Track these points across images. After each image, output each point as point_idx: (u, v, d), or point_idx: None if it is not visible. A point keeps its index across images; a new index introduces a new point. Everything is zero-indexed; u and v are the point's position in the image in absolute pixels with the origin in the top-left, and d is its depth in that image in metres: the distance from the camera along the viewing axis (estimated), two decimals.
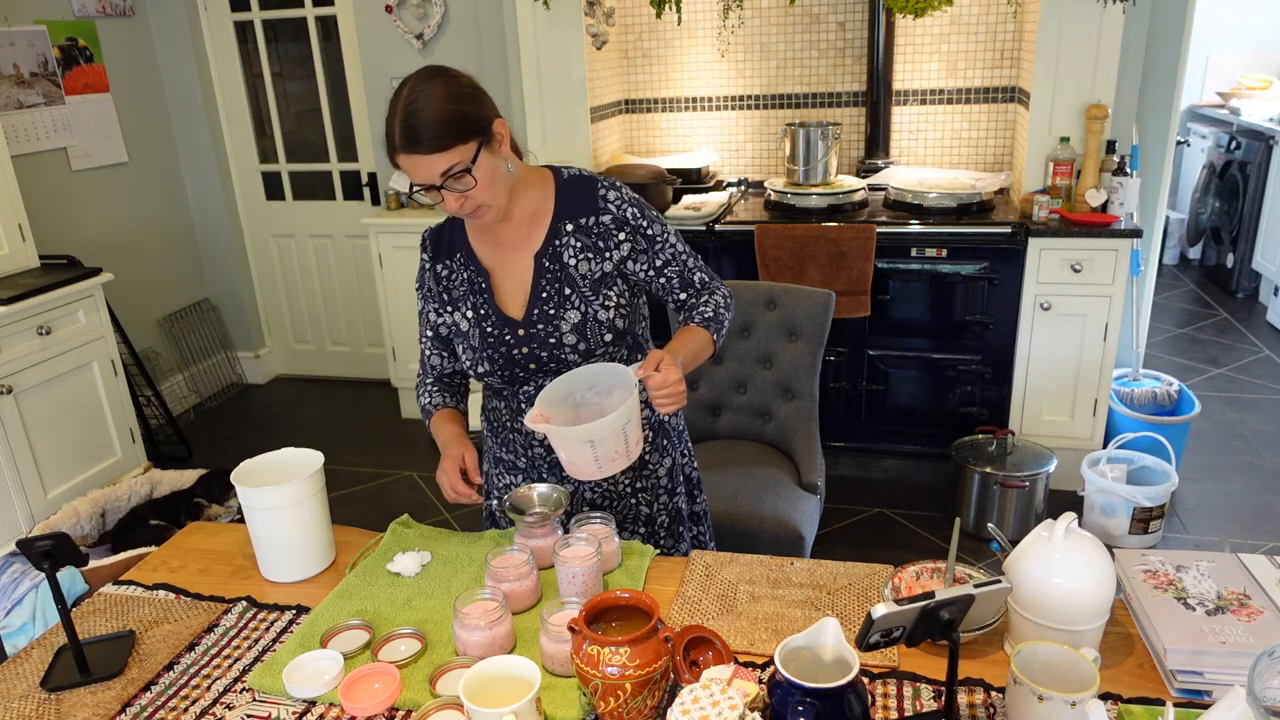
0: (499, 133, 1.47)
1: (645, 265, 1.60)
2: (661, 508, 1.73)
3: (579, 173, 1.63)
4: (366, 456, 3.95)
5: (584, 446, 1.35)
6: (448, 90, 1.42)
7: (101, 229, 4.09)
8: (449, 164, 1.41)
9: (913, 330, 3.30)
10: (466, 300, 1.61)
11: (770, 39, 3.83)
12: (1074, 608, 1.15)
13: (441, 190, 1.43)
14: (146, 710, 1.22)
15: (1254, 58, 5.90)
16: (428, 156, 1.39)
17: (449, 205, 1.46)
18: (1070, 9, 3.06)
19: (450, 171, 1.41)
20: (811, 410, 2.47)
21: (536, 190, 1.59)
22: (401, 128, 1.40)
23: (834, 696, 1.01)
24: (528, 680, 1.12)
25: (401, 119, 1.40)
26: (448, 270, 1.64)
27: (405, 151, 1.40)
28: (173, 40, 4.35)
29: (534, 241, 1.58)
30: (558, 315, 1.55)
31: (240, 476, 1.50)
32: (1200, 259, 5.94)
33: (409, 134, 1.39)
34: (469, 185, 1.43)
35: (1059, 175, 3.17)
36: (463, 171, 1.42)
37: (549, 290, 1.56)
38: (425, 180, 1.42)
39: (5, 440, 3.01)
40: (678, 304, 1.64)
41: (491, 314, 1.58)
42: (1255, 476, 3.41)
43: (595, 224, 1.57)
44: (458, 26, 4.00)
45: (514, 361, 1.58)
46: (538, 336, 1.56)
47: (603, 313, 1.56)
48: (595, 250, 1.57)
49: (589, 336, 1.56)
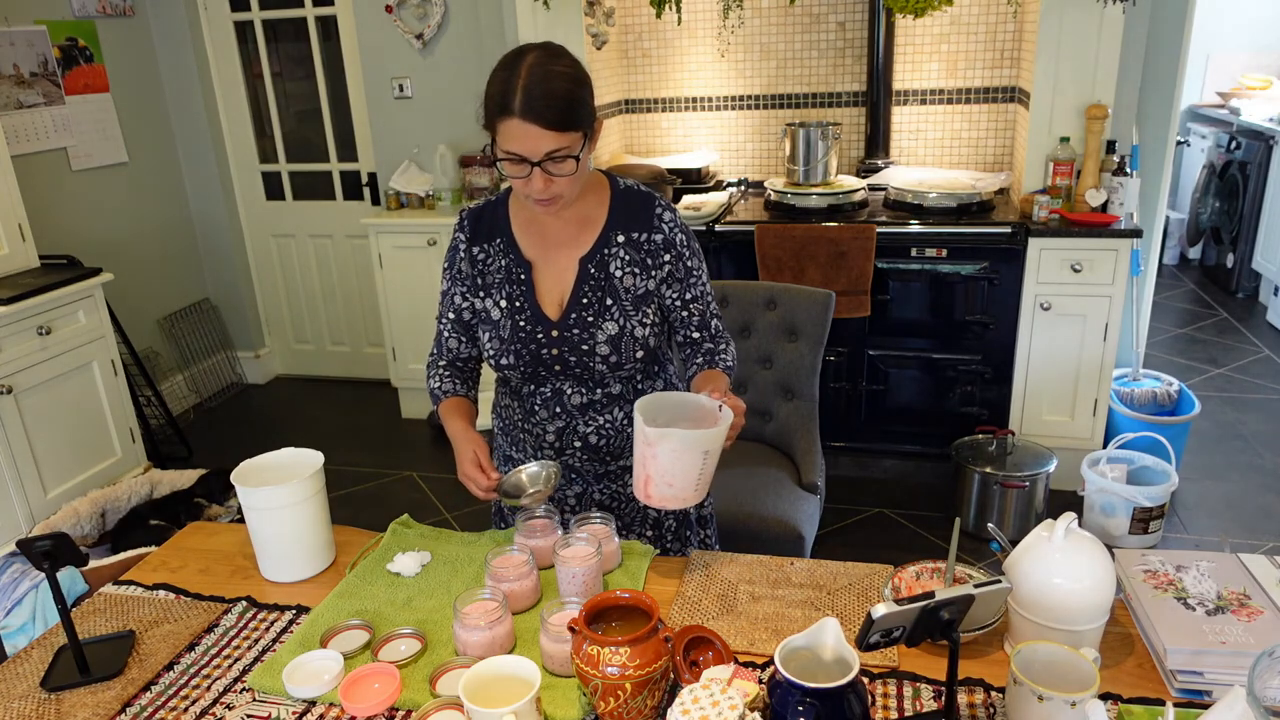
0: (598, 131, 1.46)
1: (676, 294, 1.59)
2: (669, 512, 1.71)
3: (635, 186, 1.61)
4: (366, 456, 3.95)
5: (697, 457, 1.33)
6: (574, 74, 1.39)
7: (101, 229, 4.09)
8: (559, 145, 1.37)
9: (913, 330, 3.30)
10: (501, 289, 1.57)
11: (770, 39, 3.83)
12: (1074, 608, 1.15)
13: (535, 168, 1.38)
14: (146, 710, 1.22)
15: (1254, 58, 5.90)
16: (544, 131, 1.35)
17: (534, 184, 1.40)
18: (1070, 9, 3.06)
19: (556, 153, 1.37)
20: (811, 410, 2.47)
21: (592, 194, 1.57)
22: (525, 93, 1.34)
23: (834, 696, 1.01)
24: (528, 680, 1.12)
25: (527, 84, 1.34)
26: (485, 254, 1.59)
27: (523, 118, 1.34)
28: (173, 40, 4.35)
29: (582, 244, 1.56)
30: (596, 324, 1.54)
31: (240, 476, 1.50)
32: (1200, 259, 5.94)
33: (532, 102, 1.34)
34: (566, 172, 1.40)
35: (1059, 175, 3.17)
36: (567, 158, 1.38)
37: (590, 297, 1.54)
38: (528, 152, 1.37)
39: (5, 440, 3.01)
40: (688, 341, 1.64)
41: (527, 308, 1.56)
42: (1255, 476, 3.41)
43: (647, 241, 1.56)
44: (458, 26, 4.00)
45: (541, 360, 1.56)
46: (571, 340, 1.54)
47: (640, 329, 1.56)
48: (642, 267, 1.56)
49: (622, 350, 1.55)
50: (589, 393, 1.59)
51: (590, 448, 1.62)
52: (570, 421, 1.60)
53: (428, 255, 3.98)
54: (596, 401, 1.60)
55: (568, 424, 1.61)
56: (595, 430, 1.61)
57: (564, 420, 1.60)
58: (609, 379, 1.59)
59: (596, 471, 1.66)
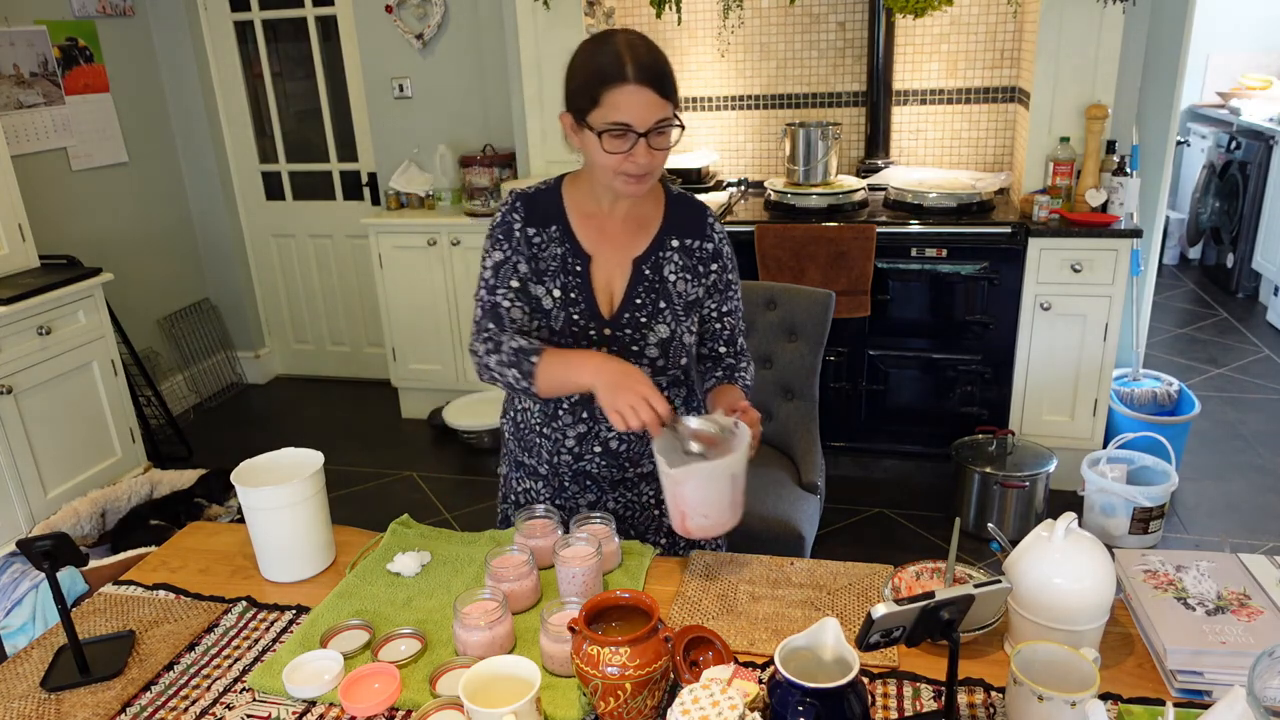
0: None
1: (715, 305, 1.60)
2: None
3: (685, 192, 1.62)
4: (366, 456, 3.95)
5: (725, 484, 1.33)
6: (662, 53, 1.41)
7: (101, 229, 4.09)
8: (666, 114, 1.38)
9: (913, 330, 3.30)
10: (556, 278, 1.53)
11: (770, 39, 3.83)
12: (1074, 608, 1.15)
13: (641, 140, 1.37)
14: (146, 710, 1.22)
15: (1254, 58, 5.90)
16: (656, 97, 1.36)
17: (637, 157, 1.39)
18: (1070, 9, 3.06)
19: (664, 121, 1.38)
20: (811, 410, 2.46)
21: (649, 197, 1.57)
22: (636, 61, 1.35)
23: (834, 696, 1.01)
24: (528, 680, 1.12)
25: (635, 54, 1.35)
26: (540, 238, 1.54)
27: (639, 82, 1.35)
28: (173, 40, 4.35)
29: (636, 245, 1.55)
30: (649, 325, 1.53)
31: (240, 476, 1.50)
32: (1200, 259, 5.94)
33: (644, 69, 1.35)
34: (666, 144, 1.41)
35: (1059, 175, 3.17)
36: (671, 127, 1.39)
37: (644, 298, 1.53)
38: (639, 121, 1.36)
39: (5, 440, 3.01)
40: (712, 354, 1.64)
41: (582, 301, 1.52)
42: (1255, 476, 3.41)
43: (699, 248, 1.57)
44: (458, 26, 4.00)
45: None
46: (622, 340, 1.53)
47: (688, 336, 1.56)
48: (694, 273, 1.57)
49: (670, 355, 1.55)
50: None
51: (610, 453, 1.60)
52: (593, 426, 1.58)
53: (428, 255, 3.98)
54: None
55: (590, 429, 1.58)
56: (618, 435, 1.59)
57: (587, 425, 1.57)
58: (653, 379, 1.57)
59: (613, 478, 1.63)
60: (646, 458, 1.62)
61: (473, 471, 3.78)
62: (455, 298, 4.01)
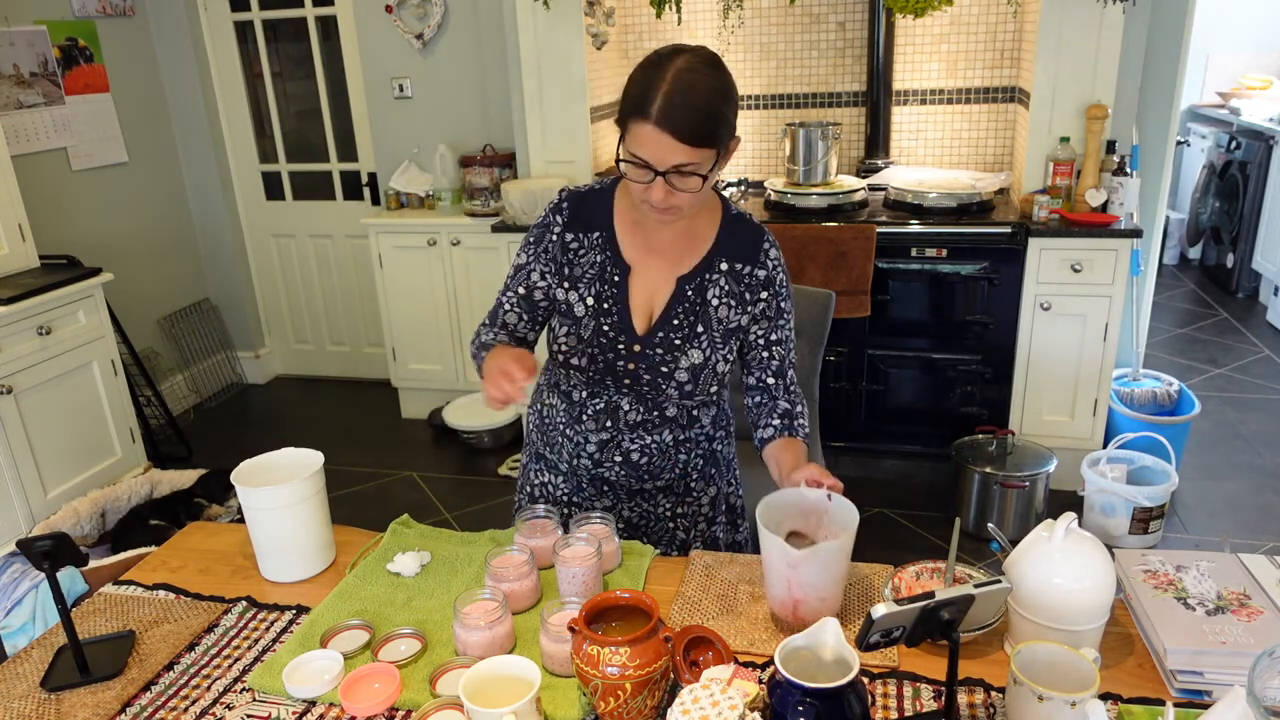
0: (731, 150, 1.38)
1: (762, 332, 1.53)
2: (699, 535, 1.67)
3: (745, 215, 1.54)
4: (366, 456, 3.95)
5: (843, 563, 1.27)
6: (721, 87, 1.32)
7: (101, 229, 4.09)
8: (689, 160, 1.30)
9: (913, 330, 3.30)
10: (591, 286, 1.49)
11: (770, 39, 3.83)
12: (1074, 608, 1.15)
13: (659, 178, 1.32)
14: (146, 710, 1.22)
15: (1254, 58, 5.90)
16: (675, 143, 1.28)
17: (653, 194, 1.34)
18: (1070, 9, 3.06)
19: (684, 167, 1.31)
20: (811, 410, 2.46)
21: (704, 213, 1.50)
22: (666, 100, 1.27)
23: (834, 696, 1.01)
24: (528, 680, 1.12)
25: (670, 91, 1.27)
26: (579, 244, 1.50)
27: (659, 125, 1.27)
28: (173, 40, 4.35)
29: (684, 263, 1.49)
30: (682, 348, 1.48)
31: (240, 476, 1.50)
32: (1200, 259, 5.94)
33: (672, 112, 1.27)
34: (691, 188, 1.33)
35: (1059, 175, 3.17)
36: (695, 175, 1.32)
37: (682, 319, 1.48)
38: (656, 161, 1.30)
39: (5, 440, 3.00)
40: (761, 386, 1.56)
41: (615, 312, 1.48)
42: (1255, 476, 3.41)
43: (750, 275, 1.50)
44: (458, 26, 4.00)
45: (614, 371, 1.50)
46: (651, 359, 1.48)
47: (722, 364, 1.51)
48: (739, 300, 1.50)
49: (700, 381, 1.50)
50: (646, 411, 1.54)
51: (630, 464, 1.57)
52: (616, 436, 1.55)
53: (428, 255, 3.98)
54: (649, 421, 1.54)
55: (612, 437, 1.55)
56: (640, 448, 1.56)
57: (610, 434, 1.55)
58: (669, 403, 1.54)
59: (631, 488, 1.61)
60: (666, 471, 1.60)
61: (473, 471, 3.78)
62: (455, 298, 4.01)
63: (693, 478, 1.64)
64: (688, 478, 1.63)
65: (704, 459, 1.64)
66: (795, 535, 1.37)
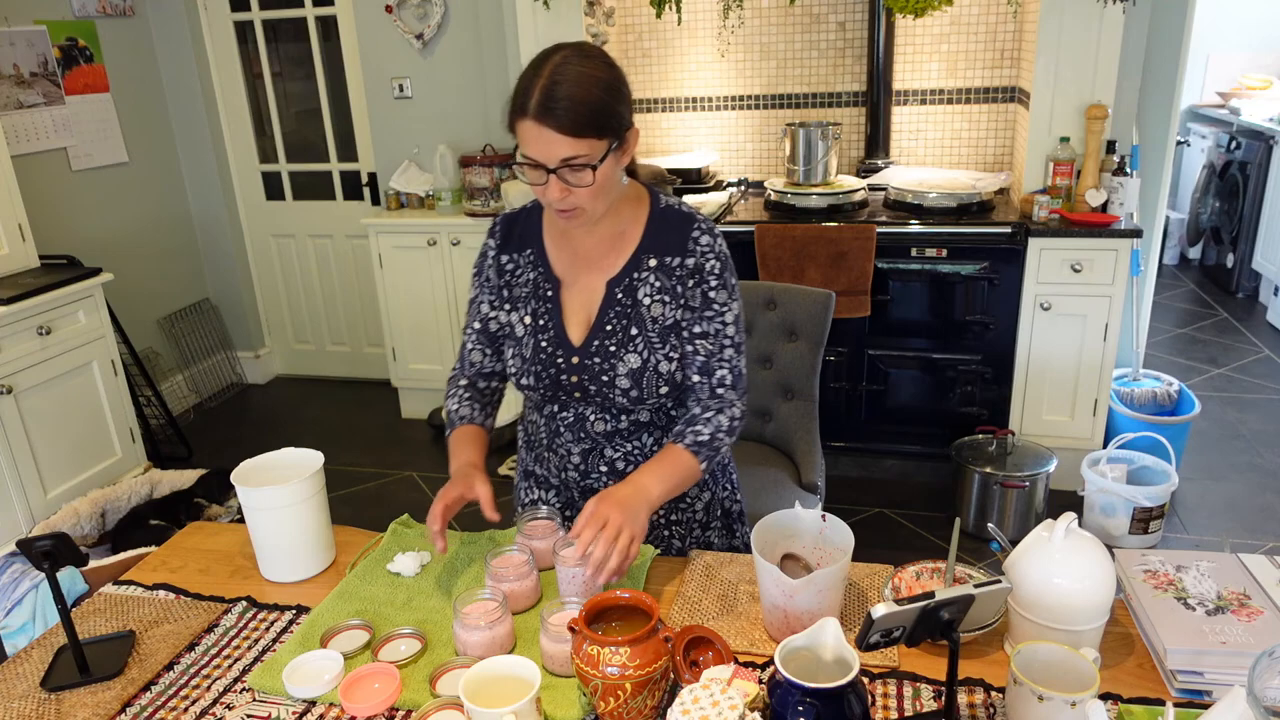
0: (630, 142, 1.36)
1: (687, 325, 1.46)
2: (694, 541, 1.66)
3: (677, 205, 1.50)
4: (366, 456, 3.95)
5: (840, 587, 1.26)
6: (601, 76, 1.30)
7: (101, 229, 4.09)
8: (576, 153, 1.28)
9: (913, 330, 3.30)
10: (528, 304, 1.49)
11: (770, 39, 3.83)
12: (1074, 608, 1.15)
13: (551, 175, 1.30)
14: (146, 710, 1.22)
15: (1254, 58, 5.90)
16: (557, 135, 1.27)
17: (550, 193, 1.32)
18: (1070, 9, 3.06)
19: (572, 161, 1.29)
20: (811, 410, 2.46)
21: (629, 211, 1.47)
22: (542, 93, 1.26)
23: (834, 696, 1.01)
24: (528, 680, 1.12)
25: (546, 84, 1.26)
26: (513, 264, 1.51)
27: (537, 120, 1.27)
28: (173, 40, 4.35)
29: (612, 265, 1.46)
30: (617, 354, 1.44)
31: (240, 476, 1.50)
32: (1200, 259, 5.94)
33: (548, 103, 1.26)
34: (584, 182, 1.31)
35: (1059, 175, 3.17)
36: (586, 167, 1.30)
37: (615, 324, 1.45)
38: (542, 158, 1.29)
39: (5, 440, 3.00)
40: (689, 384, 1.49)
41: (551, 328, 1.47)
42: (1255, 476, 3.41)
43: (679, 266, 1.45)
44: (458, 26, 4.00)
45: (560, 385, 1.48)
46: (591, 369, 1.45)
47: (665, 364, 1.45)
48: (672, 294, 1.44)
49: (644, 385, 1.45)
50: (614, 420, 1.51)
51: (617, 473, 1.56)
52: (596, 446, 1.54)
53: (428, 255, 3.98)
54: (623, 430, 1.52)
55: (593, 447, 1.54)
56: (623, 455, 1.55)
57: (589, 444, 1.54)
58: (633, 409, 1.51)
59: None
60: None
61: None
62: (455, 298, 4.01)
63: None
64: None
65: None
66: (790, 558, 1.37)
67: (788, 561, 1.36)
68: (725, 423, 1.46)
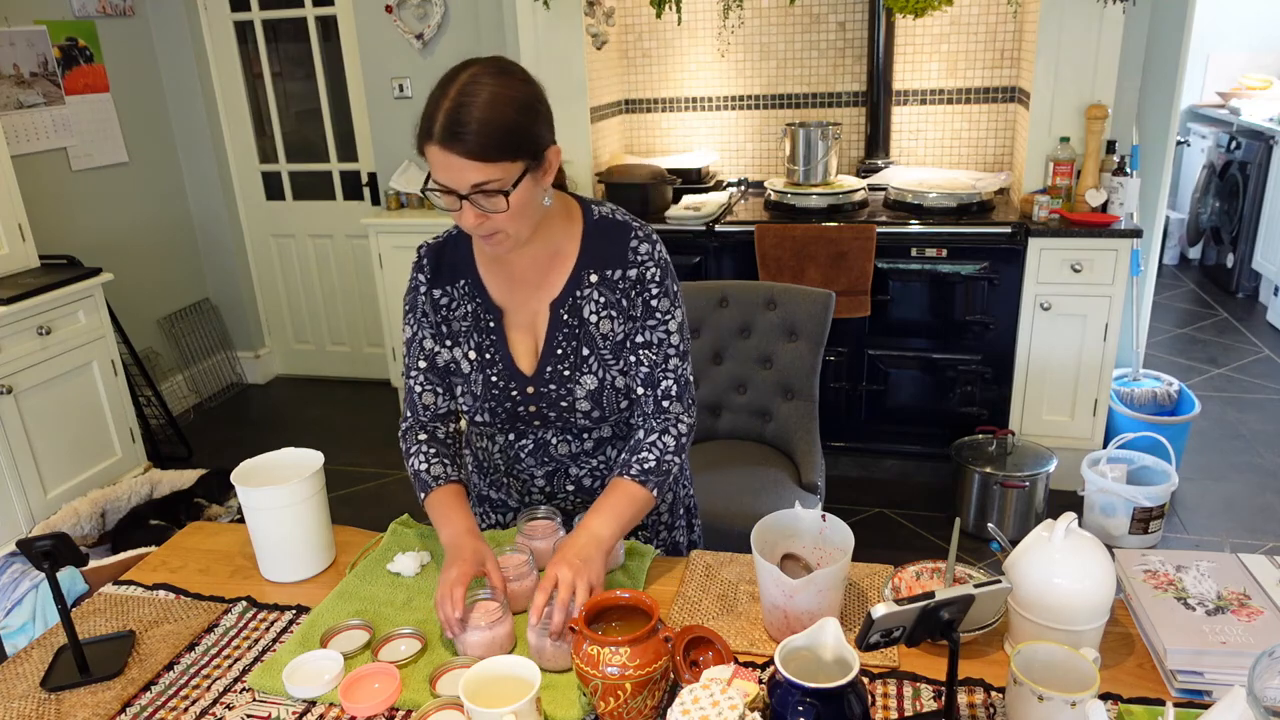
0: (550, 162, 1.29)
1: (630, 336, 1.41)
2: (661, 544, 1.65)
3: (611, 214, 1.43)
4: (366, 456, 3.95)
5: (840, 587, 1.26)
6: (514, 95, 1.23)
7: (101, 229, 4.09)
8: (486, 178, 1.21)
9: (913, 330, 3.30)
10: (469, 338, 1.43)
11: (770, 39, 3.83)
12: (1074, 608, 1.15)
13: (464, 201, 1.24)
14: (146, 710, 1.22)
15: (1254, 58, 5.90)
16: (465, 160, 1.20)
17: (465, 219, 1.26)
18: (1070, 9, 3.06)
19: (483, 186, 1.22)
20: (811, 410, 2.46)
21: (561, 227, 1.40)
22: (447, 117, 1.19)
23: (834, 696, 1.01)
24: (528, 680, 1.12)
25: (450, 108, 1.19)
26: (448, 298, 1.44)
27: (442, 145, 1.20)
28: (173, 40, 4.35)
29: (552, 286, 1.40)
30: (573, 378, 1.40)
31: (240, 476, 1.50)
32: (1200, 259, 5.94)
33: (453, 128, 1.19)
34: (499, 208, 1.24)
35: (1059, 175, 3.17)
36: (498, 192, 1.23)
37: (565, 347, 1.40)
38: (451, 184, 1.23)
39: (5, 440, 3.00)
40: (632, 396, 1.45)
41: (499, 360, 1.42)
42: (1255, 476, 3.41)
43: (622, 278, 1.39)
44: (458, 26, 4.00)
45: (518, 416, 1.44)
46: (548, 397, 1.41)
47: (620, 379, 1.41)
48: (619, 308, 1.40)
49: (604, 404, 1.42)
50: (577, 441, 1.48)
51: (584, 489, 1.54)
52: (561, 466, 1.51)
53: None
54: (587, 449, 1.49)
55: (558, 467, 1.51)
56: (589, 472, 1.52)
57: (553, 466, 1.51)
58: (595, 427, 1.47)
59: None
60: None
61: None
62: None
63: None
64: None
65: None
66: (790, 558, 1.37)
67: (788, 561, 1.36)
68: (671, 443, 1.42)
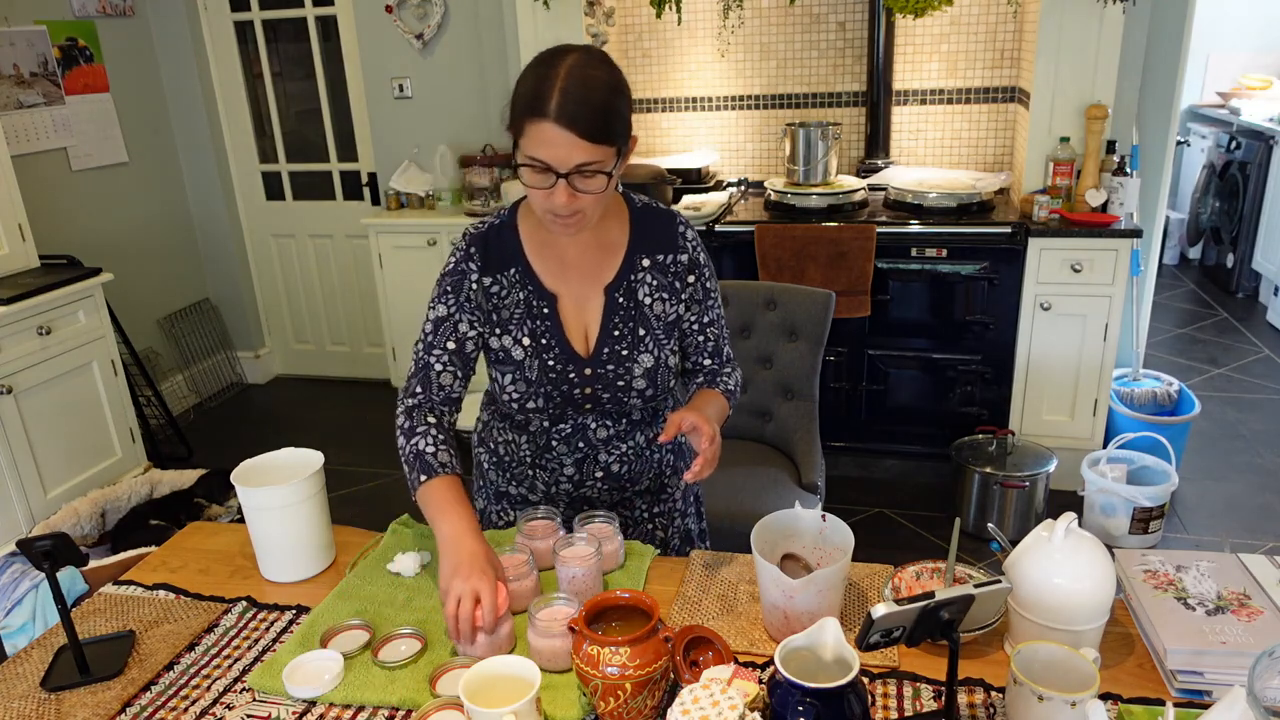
0: (631, 149, 1.34)
1: (695, 317, 1.52)
2: (675, 531, 1.68)
3: (653, 203, 1.51)
4: (366, 456, 3.95)
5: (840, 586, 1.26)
6: (614, 82, 1.28)
7: (101, 229, 4.09)
8: (592, 159, 1.25)
9: (913, 330, 3.30)
10: (523, 325, 1.44)
11: (770, 39, 3.82)
12: (1074, 608, 1.15)
13: (561, 181, 1.26)
14: (146, 710, 1.22)
15: (1254, 58, 5.90)
16: (577, 139, 1.23)
17: (557, 197, 1.27)
18: (1070, 9, 3.06)
19: (586, 167, 1.26)
20: (811, 410, 2.47)
21: (611, 215, 1.46)
22: (562, 95, 1.22)
23: (834, 696, 1.01)
24: (528, 680, 1.12)
25: (565, 87, 1.22)
26: (499, 286, 1.45)
27: (557, 122, 1.22)
28: (173, 40, 4.35)
29: (605, 272, 1.45)
30: (630, 357, 1.45)
31: (240, 476, 1.50)
32: (1200, 259, 5.94)
33: (569, 107, 1.22)
34: (595, 189, 1.28)
35: (1059, 175, 3.17)
36: (599, 173, 1.27)
37: (622, 329, 1.45)
38: (557, 161, 1.25)
39: (5, 440, 3.00)
40: (698, 367, 1.57)
41: (555, 345, 1.44)
42: (1255, 476, 3.41)
43: (673, 262, 1.47)
44: (458, 26, 4.00)
45: (572, 400, 1.47)
46: (605, 378, 1.45)
47: (672, 358, 1.49)
48: (670, 290, 1.47)
49: (658, 382, 1.48)
50: (615, 424, 1.53)
51: (612, 476, 1.57)
52: (591, 453, 1.54)
53: (428, 255, 3.98)
54: (620, 432, 1.54)
55: (588, 454, 1.54)
56: (618, 458, 1.56)
57: (584, 452, 1.54)
58: (634, 409, 1.53)
59: (612, 500, 1.61)
60: (645, 474, 1.60)
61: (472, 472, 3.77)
62: None
63: (667, 475, 1.64)
64: (663, 476, 1.64)
65: (674, 453, 1.64)
66: (790, 558, 1.37)
67: (788, 561, 1.36)
68: (740, 378, 1.60)
